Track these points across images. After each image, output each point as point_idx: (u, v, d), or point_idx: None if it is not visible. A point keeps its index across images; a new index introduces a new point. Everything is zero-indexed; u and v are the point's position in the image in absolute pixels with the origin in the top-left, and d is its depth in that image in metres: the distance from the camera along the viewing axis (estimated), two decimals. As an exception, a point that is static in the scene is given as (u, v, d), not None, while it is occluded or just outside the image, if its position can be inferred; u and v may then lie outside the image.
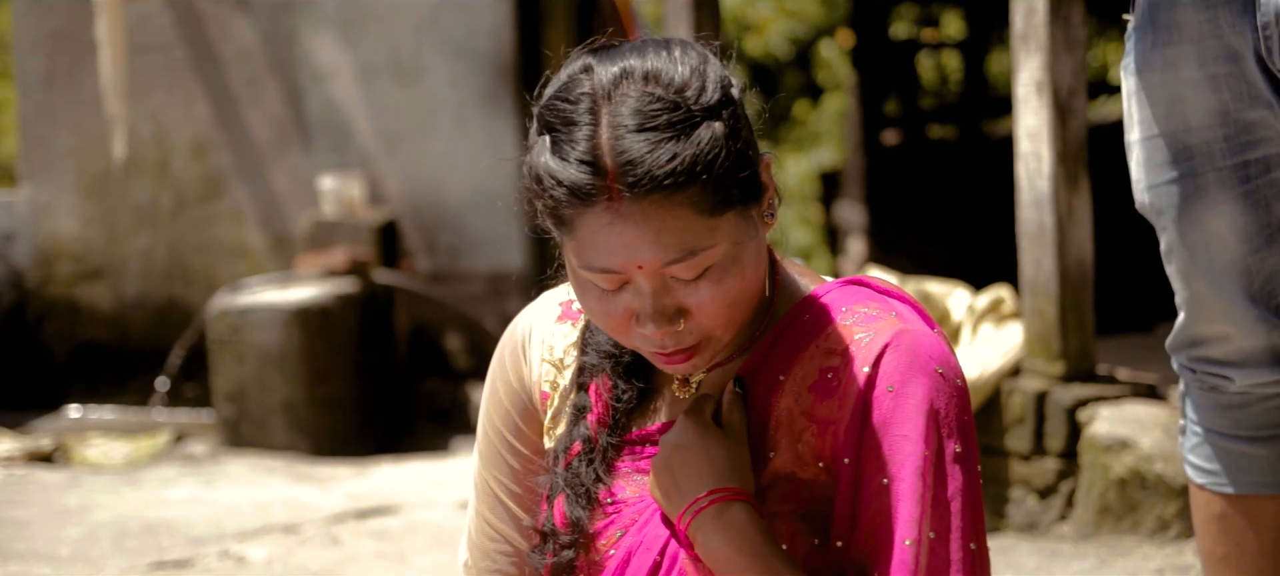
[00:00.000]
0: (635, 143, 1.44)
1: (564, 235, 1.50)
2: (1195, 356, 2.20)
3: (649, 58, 1.49)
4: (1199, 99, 2.12)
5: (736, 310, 1.52)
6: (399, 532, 4.60)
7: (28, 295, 7.58)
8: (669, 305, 1.49)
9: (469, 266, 7.12)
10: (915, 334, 1.54)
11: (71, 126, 7.51)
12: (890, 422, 1.50)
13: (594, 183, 1.44)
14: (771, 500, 1.55)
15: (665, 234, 1.45)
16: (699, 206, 1.45)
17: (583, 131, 1.46)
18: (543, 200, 1.49)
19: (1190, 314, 2.20)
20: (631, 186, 1.43)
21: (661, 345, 1.51)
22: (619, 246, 1.45)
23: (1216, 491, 2.21)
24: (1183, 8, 2.12)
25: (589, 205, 1.45)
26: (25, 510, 4.97)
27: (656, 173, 1.43)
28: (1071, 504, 4.04)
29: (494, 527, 1.72)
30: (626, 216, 1.44)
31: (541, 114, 1.51)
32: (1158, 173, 2.18)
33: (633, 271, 1.47)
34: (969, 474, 1.52)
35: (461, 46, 7.07)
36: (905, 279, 4.57)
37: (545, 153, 1.48)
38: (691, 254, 1.46)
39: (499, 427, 1.71)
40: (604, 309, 1.51)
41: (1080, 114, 4.08)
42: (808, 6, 14.69)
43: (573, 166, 1.45)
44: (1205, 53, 2.11)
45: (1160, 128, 2.15)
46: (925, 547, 1.48)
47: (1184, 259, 2.18)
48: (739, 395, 1.56)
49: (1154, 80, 2.16)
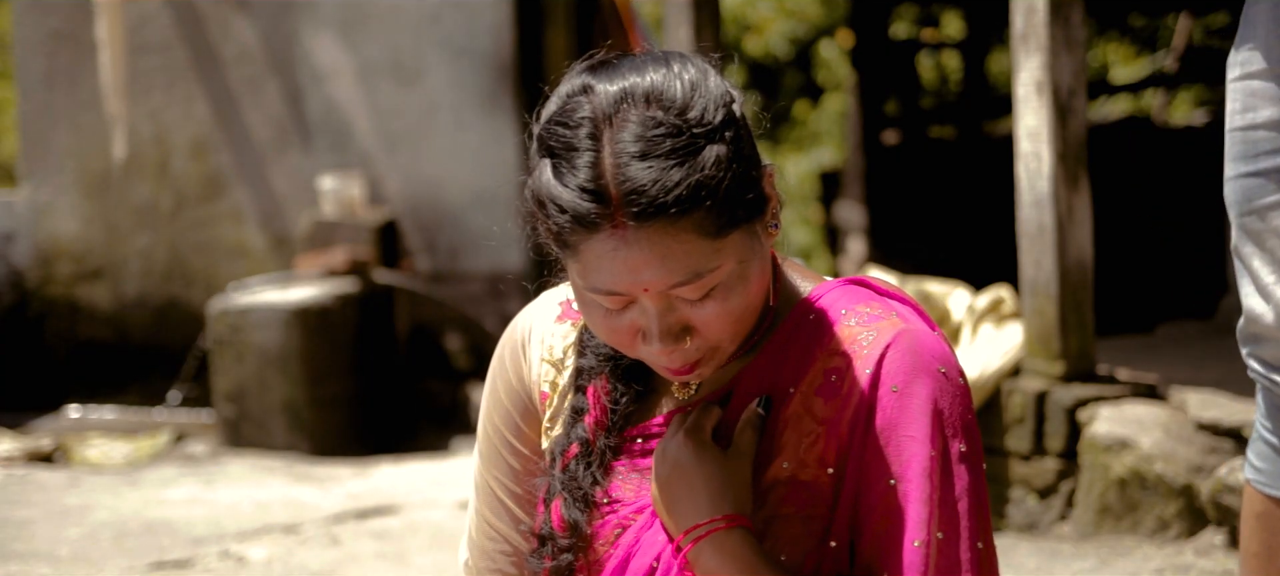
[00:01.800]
0: (639, 170, 1.42)
1: (568, 257, 1.49)
2: (1255, 354, 2.19)
3: (649, 75, 1.48)
4: (1266, 97, 2.12)
5: (742, 323, 1.52)
6: (399, 532, 4.60)
7: (28, 295, 7.58)
8: (675, 324, 1.49)
9: (469, 266, 7.12)
10: (916, 334, 1.54)
11: (71, 126, 7.51)
12: (896, 424, 1.51)
13: (598, 210, 1.43)
14: (773, 503, 1.55)
15: (670, 259, 1.44)
16: (704, 229, 1.44)
17: (584, 157, 1.44)
18: (545, 223, 1.49)
19: (1250, 312, 2.19)
20: (636, 215, 1.42)
21: (669, 362, 1.51)
22: (624, 271, 1.44)
23: (1261, 490, 2.20)
24: (1259, 5, 2.13)
25: (593, 232, 1.44)
26: (25, 510, 4.97)
27: (661, 199, 1.41)
28: (1071, 504, 4.04)
29: (494, 527, 1.72)
30: (631, 242, 1.43)
31: (542, 137, 1.49)
32: (1232, 167, 2.19)
33: (638, 293, 1.47)
34: (975, 473, 1.52)
35: (461, 46, 7.07)
36: (905, 279, 4.57)
37: (547, 177, 1.47)
38: (697, 276, 1.45)
39: (499, 427, 1.71)
40: (609, 326, 1.52)
41: (1080, 114, 4.08)
42: (808, 6, 14.69)
43: (575, 193, 1.43)
44: (1272, 51, 2.11)
45: (1237, 123, 2.17)
46: (934, 548, 1.49)
47: (1247, 255, 2.18)
48: (761, 417, 1.55)
49: (1233, 75, 2.18)
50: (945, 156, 10.74)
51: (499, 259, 7.06)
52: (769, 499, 1.55)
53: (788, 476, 1.55)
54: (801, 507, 1.54)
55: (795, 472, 1.55)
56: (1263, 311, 2.14)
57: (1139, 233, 8.93)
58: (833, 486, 1.53)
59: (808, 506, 1.54)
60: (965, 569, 1.49)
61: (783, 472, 1.55)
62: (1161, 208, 9.01)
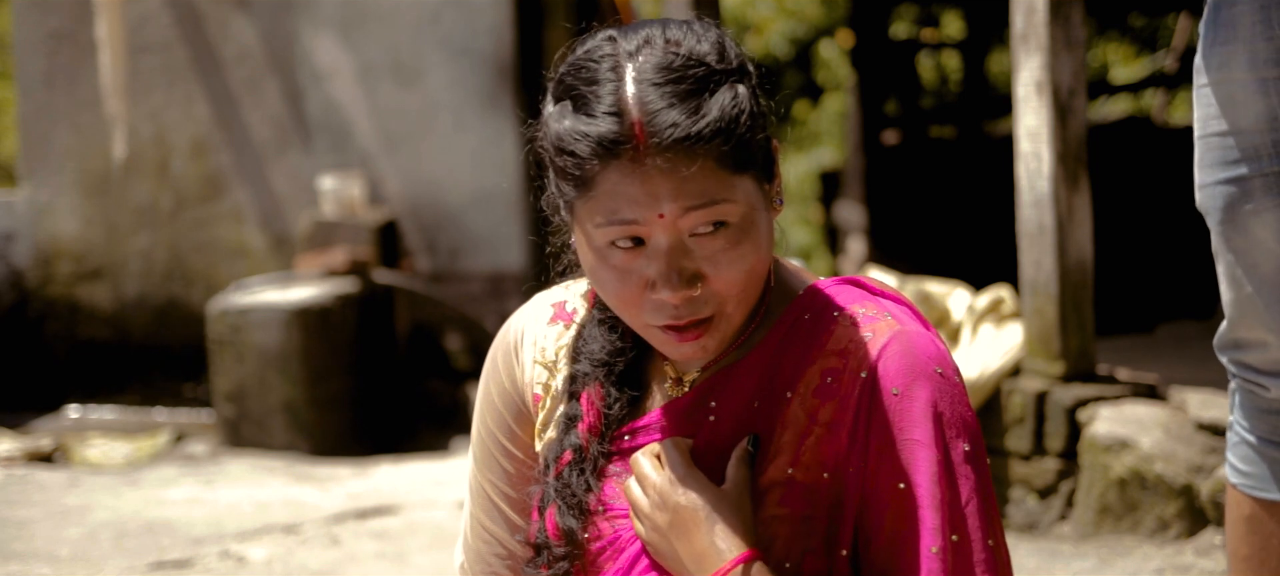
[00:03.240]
0: (660, 96, 1.46)
1: (581, 199, 1.50)
2: (1236, 360, 2.18)
3: (670, 29, 1.53)
4: (1249, 101, 2.09)
5: (749, 285, 1.52)
6: (399, 532, 4.60)
7: (28, 295, 7.59)
8: (686, 268, 1.49)
9: (469, 266, 7.12)
10: (911, 335, 1.54)
11: (71, 126, 7.51)
12: (899, 427, 1.51)
13: (620, 132, 1.46)
14: (770, 503, 1.54)
15: (689, 182, 1.46)
16: (721, 161, 1.47)
17: (607, 88, 1.48)
18: (562, 161, 1.50)
19: (1232, 317, 2.17)
20: (656, 139, 1.45)
21: (676, 314, 1.50)
22: (642, 195, 1.46)
23: (1248, 493, 2.19)
24: (1239, 6, 2.09)
25: (614, 157, 1.46)
26: (25, 510, 4.97)
27: (681, 122, 1.45)
28: (1071, 504, 4.04)
29: (488, 530, 1.72)
30: (650, 167, 1.46)
31: (561, 80, 1.53)
32: (1208, 173, 2.15)
33: (653, 224, 1.47)
34: (980, 472, 1.53)
35: (461, 46, 7.07)
36: (905, 279, 4.57)
37: (566, 116, 1.50)
38: (712, 203, 1.47)
39: (493, 431, 1.71)
40: (618, 280, 1.51)
41: (1080, 114, 4.08)
42: (808, 6, 14.70)
43: (598, 119, 1.47)
44: (1256, 55, 2.08)
45: (1213, 128, 2.13)
46: (951, 552, 1.49)
47: (1228, 261, 2.15)
48: (750, 454, 1.55)
49: (1210, 79, 2.13)
50: (945, 156, 10.75)
51: (499, 259, 7.06)
52: (766, 499, 1.55)
53: (786, 478, 1.55)
54: (799, 508, 1.54)
55: (793, 474, 1.54)
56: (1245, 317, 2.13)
57: (1139, 233, 8.93)
58: (831, 489, 1.53)
59: (805, 507, 1.54)
60: (982, 569, 1.50)
61: (780, 474, 1.55)
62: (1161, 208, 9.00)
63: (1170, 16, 12.36)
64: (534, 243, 6.95)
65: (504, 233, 7.02)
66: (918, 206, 10.31)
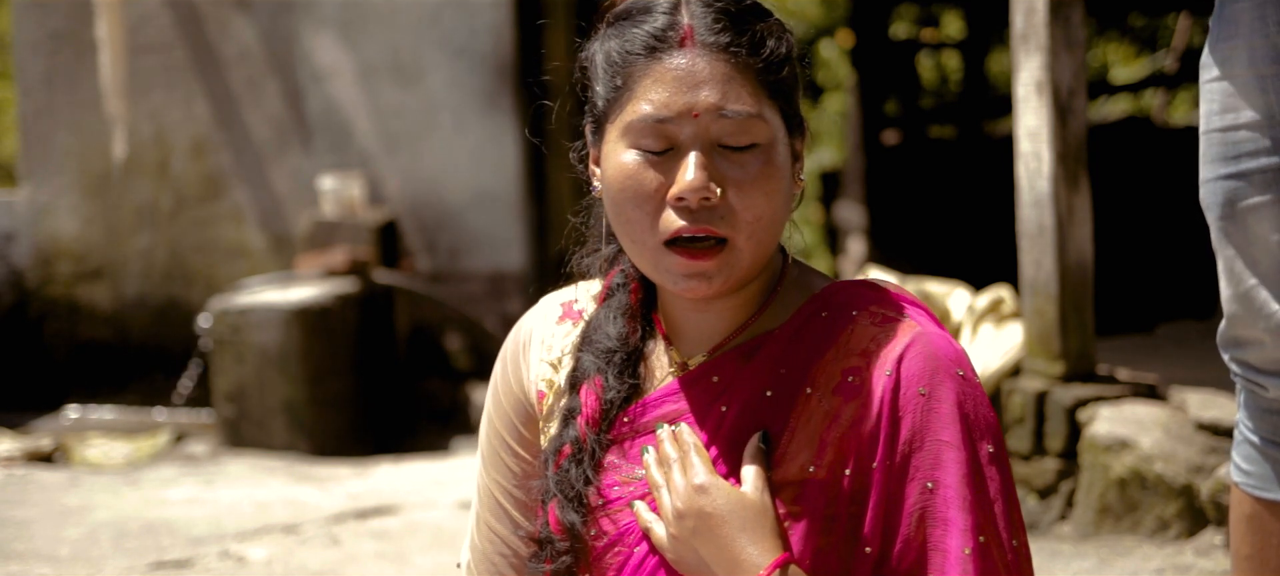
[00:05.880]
0: (716, 16, 1.55)
1: (617, 104, 1.55)
2: (1237, 358, 2.18)
3: None
4: (1248, 98, 2.09)
5: (764, 222, 1.53)
6: (399, 532, 4.60)
7: (28, 295, 7.59)
8: (711, 167, 1.52)
9: (469, 266, 7.12)
10: (931, 337, 1.54)
11: (71, 126, 7.51)
12: (926, 428, 1.51)
13: (673, 22, 1.54)
14: (786, 500, 1.54)
15: (731, 82, 1.53)
16: (762, 78, 1.54)
17: (663, 4, 1.56)
18: (608, 68, 1.56)
19: (1231, 314, 2.17)
20: (705, 36, 1.53)
21: (692, 219, 1.51)
22: (686, 86, 1.52)
23: (1250, 492, 2.19)
24: (1240, 4, 2.09)
25: (662, 48, 1.53)
26: (25, 510, 4.97)
27: (732, 29, 1.54)
28: (1071, 504, 4.04)
29: (494, 531, 1.72)
30: (695, 63, 1.53)
31: (613, 17, 1.59)
32: (1210, 168, 2.15)
33: (685, 123, 1.52)
34: (1004, 473, 1.53)
35: (461, 46, 7.07)
36: (905, 279, 4.57)
37: (619, 32, 1.57)
38: (747, 114, 1.52)
39: (500, 431, 1.71)
40: (638, 194, 1.53)
41: (1080, 114, 4.08)
42: (808, 6, 14.69)
43: (654, 16, 1.55)
44: (1255, 52, 2.08)
45: (1215, 124, 2.14)
46: (980, 554, 1.49)
47: (1228, 257, 2.15)
48: (763, 451, 1.55)
49: (1212, 75, 2.14)
50: (945, 156, 10.75)
51: (499, 259, 7.06)
52: (783, 496, 1.55)
53: (805, 476, 1.54)
54: (819, 506, 1.54)
55: (812, 472, 1.54)
56: (1244, 315, 2.13)
57: (1139, 233, 8.93)
58: (853, 488, 1.53)
59: (826, 505, 1.54)
60: (1007, 570, 1.50)
61: (800, 472, 1.55)
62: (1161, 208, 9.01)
63: (1170, 16, 12.37)
64: (534, 242, 6.96)
65: (504, 232, 7.01)
66: (918, 206, 10.32)
